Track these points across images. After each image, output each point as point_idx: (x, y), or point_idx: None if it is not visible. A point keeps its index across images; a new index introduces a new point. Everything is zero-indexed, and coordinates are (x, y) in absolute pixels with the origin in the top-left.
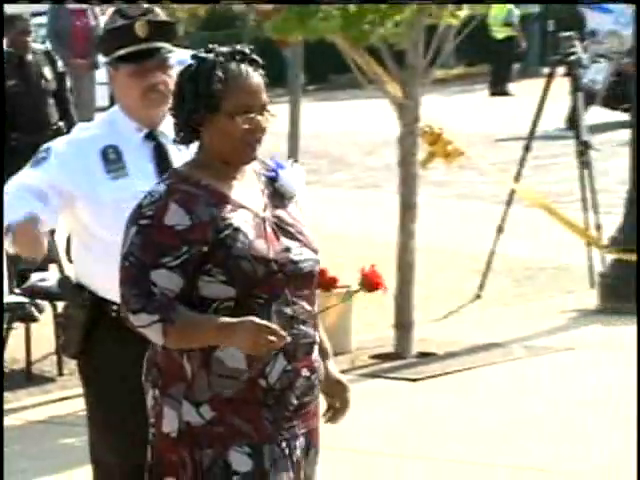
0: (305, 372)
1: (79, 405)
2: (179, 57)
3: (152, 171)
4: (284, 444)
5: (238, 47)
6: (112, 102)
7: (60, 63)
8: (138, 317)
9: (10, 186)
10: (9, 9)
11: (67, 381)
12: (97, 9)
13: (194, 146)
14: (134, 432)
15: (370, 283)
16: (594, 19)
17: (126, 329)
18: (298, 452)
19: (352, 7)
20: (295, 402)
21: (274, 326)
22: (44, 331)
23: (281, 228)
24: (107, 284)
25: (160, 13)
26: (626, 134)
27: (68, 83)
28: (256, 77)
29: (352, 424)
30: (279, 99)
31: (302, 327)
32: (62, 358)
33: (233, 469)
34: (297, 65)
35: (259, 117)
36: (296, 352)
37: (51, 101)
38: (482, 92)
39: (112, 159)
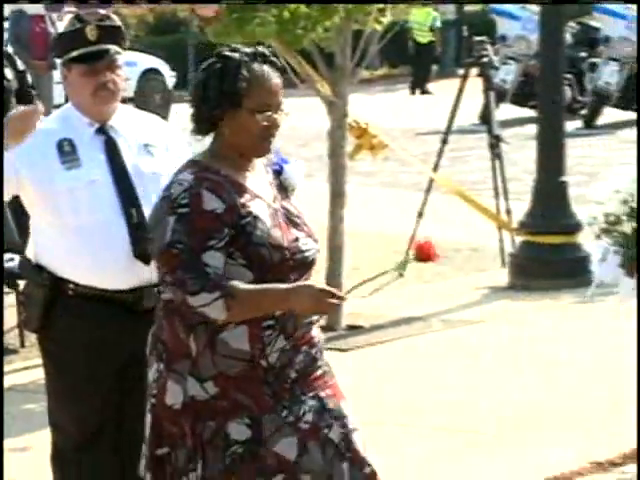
0: (305, 348)
1: (39, 374)
2: (127, 59)
3: (104, 162)
4: (285, 412)
5: (260, 49)
6: (68, 99)
7: (19, 62)
8: (198, 298)
9: None
10: None
11: (28, 352)
12: (54, 15)
13: (142, 138)
14: (89, 400)
15: (423, 254)
16: (504, 25)
17: (82, 305)
18: (310, 416)
19: (286, 14)
20: (294, 375)
21: (333, 289)
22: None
23: (289, 219)
24: (63, 265)
25: (115, 19)
26: (533, 128)
27: (29, 80)
28: (275, 78)
29: None
30: None
31: None
32: (24, 332)
33: (232, 438)
34: None
35: (276, 115)
36: (296, 331)
37: (13, 100)
38: (404, 91)
39: (67, 151)
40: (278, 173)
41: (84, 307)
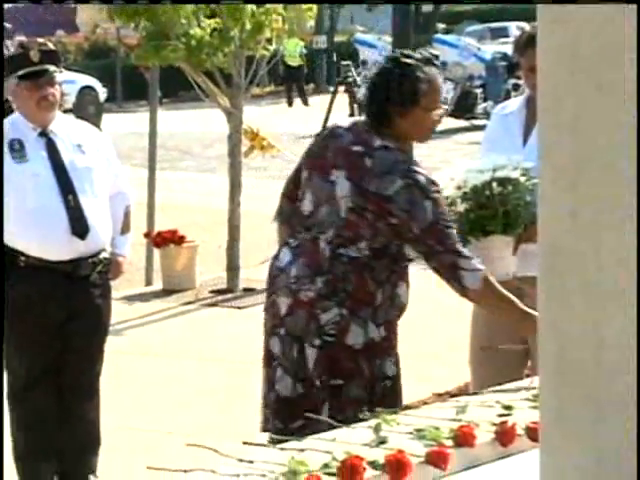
0: None
1: None
2: (67, 77)
3: (46, 158)
4: None
5: (427, 54)
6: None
7: None
8: (469, 262)
9: None
10: None
11: None
12: (9, 42)
13: (76, 140)
14: (34, 348)
15: None
16: (364, 52)
17: (30, 274)
18: None
19: (193, 42)
20: None
21: None
22: None
23: None
24: (16, 240)
25: (50, 45)
26: None
27: None
28: (441, 78)
29: (201, 338)
30: (142, 109)
31: None
32: None
33: (387, 373)
34: (155, 84)
35: (441, 110)
36: None
37: None
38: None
39: (17, 149)
40: None
41: (32, 274)
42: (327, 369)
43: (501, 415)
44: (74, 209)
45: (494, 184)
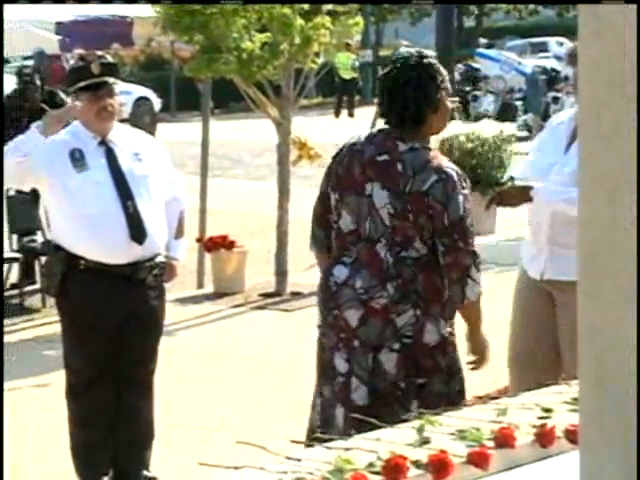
0: None
1: (56, 328)
2: (124, 88)
3: (105, 166)
4: None
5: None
6: None
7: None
8: (477, 274)
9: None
10: None
11: (48, 312)
12: (69, 55)
13: (133, 148)
14: (94, 346)
15: None
16: None
17: (90, 276)
18: None
19: (244, 55)
20: None
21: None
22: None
23: None
24: (76, 245)
25: (109, 58)
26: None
27: (62, 96)
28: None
29: (250, 340)
30: (195, 119)
31: None
32: (45, 296)
33: (459, 367)
34: (207, 95)
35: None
36: None
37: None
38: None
39: (77, 158)
40: None
41: (92, 277)
42: (410, 370)
43: (541, 417)
44: (133, 215)
45: (462, 137)
